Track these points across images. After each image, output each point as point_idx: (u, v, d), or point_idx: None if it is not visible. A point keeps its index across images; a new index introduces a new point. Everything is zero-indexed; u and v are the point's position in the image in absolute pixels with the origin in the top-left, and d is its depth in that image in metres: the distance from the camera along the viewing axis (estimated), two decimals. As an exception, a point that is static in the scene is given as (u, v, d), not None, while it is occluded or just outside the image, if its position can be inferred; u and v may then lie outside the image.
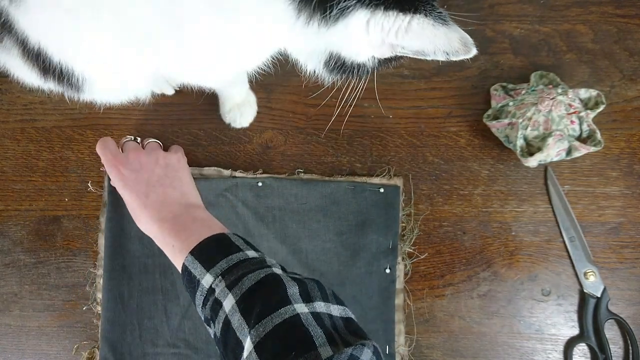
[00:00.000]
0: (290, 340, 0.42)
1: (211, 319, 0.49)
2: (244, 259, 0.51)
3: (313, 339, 0.42)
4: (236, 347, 0.45)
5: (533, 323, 0.73)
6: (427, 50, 0.41)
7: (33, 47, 0.50)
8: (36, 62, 0.52)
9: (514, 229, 0.74)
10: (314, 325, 0.43)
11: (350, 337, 0.44)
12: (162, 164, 0.65)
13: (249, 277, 0.48)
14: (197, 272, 0.51)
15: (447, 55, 0.41)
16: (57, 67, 0.51)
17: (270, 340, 0.43)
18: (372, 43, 0.41)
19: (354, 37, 0.41)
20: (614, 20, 0.76)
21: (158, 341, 0.70)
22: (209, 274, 0.50)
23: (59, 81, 0.54)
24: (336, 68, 0.45)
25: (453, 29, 0.40)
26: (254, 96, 0.74)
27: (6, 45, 0.51)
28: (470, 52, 0.41)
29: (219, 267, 0.50)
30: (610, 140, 0.74)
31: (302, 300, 0.46)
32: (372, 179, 0.73)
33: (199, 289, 0.51)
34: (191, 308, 0.70)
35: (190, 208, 0.62)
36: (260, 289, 0.47)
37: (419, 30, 0.39)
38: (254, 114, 0.74)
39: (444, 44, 0.40)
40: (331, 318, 0.45)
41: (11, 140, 0.75)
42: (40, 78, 0.54)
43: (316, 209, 0.72)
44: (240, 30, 0.45)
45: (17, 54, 0.52)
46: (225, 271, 0.49)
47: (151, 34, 0.48)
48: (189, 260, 0.53)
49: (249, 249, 0.53)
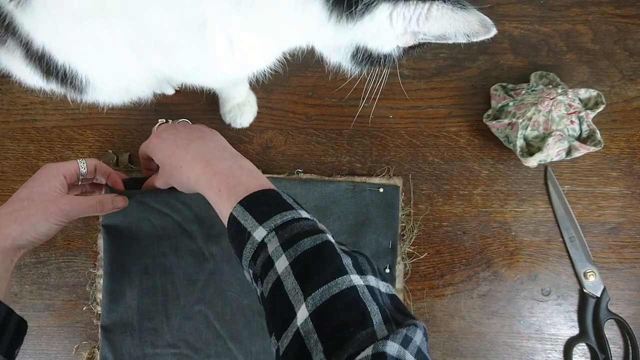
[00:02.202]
0: (347, 313, 0.41)
1: (259, 276, 0.47)
2: (299, 218, 0.48)
3: (370, 314, 0.41)
4: (287, 311, 0.43)
5: (533, 323, 0.73)
6: (448, 34, 0.43)
7: (37, 49, 0.50)
8: (39, 64, 0.52)
9: (514, 229, 0.74)
10: (370, 300, 0.42)
11: (399, 315, 0.43)
12: (198, 129, 0.62)
13: (305, 240, 0.45)
14: (248, 224, 0.48)
15: (468, 37, 0.42)
16: (61, 69, 0.51)
17: (327, 310, 0.41)
18: (396, 33, 0.43)
19: (379, 29, 0.42)
20: (614, 20, 0.76)
21: (158, 342, 0.70)
22: (262, 227, 0.47)
23: (62, 83, 0.54)
24: (364, 60, 0.47)
25: (472, 12, 0.42)
26: (254, 96, 0.74)
27: (9, 47, 0.51)
28: (490, 32, 0.42)
29: (273, 222, 0.47)
30: (610, 140, 0.74)
31: (357, 272, 0.44)
32: (371, 178, 0.73)
33: (249, 241, 0.47)
34: (191, 308, 0.70)
35: (235, 156, 0.58)
36: (316, 254, 0.45)
37: (438, 16, 0.41)
38: (254, 114, 0.74)
39: (463, 26, 0.42)
40: (381, 294, 0.44)
41: (11, 140, 0.75)
42: (42, 79, 0.54)
43: (316, 209, 0.72)
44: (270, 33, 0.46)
45: (20, 56, 0.52)
46: (279, 227, 0.47)
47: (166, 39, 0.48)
48: (238, 211, 0.49)
49: (301, 209, 0.50)
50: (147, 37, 0.49)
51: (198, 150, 0.57)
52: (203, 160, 0.56)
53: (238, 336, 0.70)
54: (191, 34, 0.45)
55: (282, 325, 0.43)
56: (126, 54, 0.51)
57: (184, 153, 0.57)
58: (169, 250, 0.70)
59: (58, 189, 0.59)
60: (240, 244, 0.49)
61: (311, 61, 0.75)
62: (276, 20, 0.44)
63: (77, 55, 0.52)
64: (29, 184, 0.59)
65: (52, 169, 0.60)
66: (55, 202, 0.58)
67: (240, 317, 0.70)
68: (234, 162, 0.56)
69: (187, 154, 0.57)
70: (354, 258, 0.46)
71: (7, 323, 0.53)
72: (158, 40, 0.49)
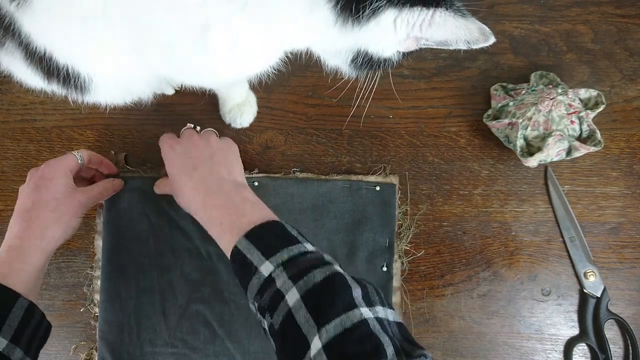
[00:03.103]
0: (362, 346, 0.42)
1: (267, 309, 0.47)
2: (305, 252, 0.49)
3: (384, 346, 0.42)
4: (299, 342, 0.44)
5: (533, 323, 0.73)
6: (449, 41, 0.44)
7: (37, 50, 0.50)
8: (40, 65, 0.52)
9: (514, 229, 0.74)
10: (382, 332, 0.43)
11: (407, 344, 0.45)
12: (214, 145, 0.63)
13: (315, 272, 0.46)
14: (254, 258, 0.49)
15: (469, 44, 0.44)
16: (63, 69, 0.51)
17: (341, 343, 0.43)
18: (399, 38, 0.44)
19: (383, 34, 0.43)
20: (614, 20, 0.76)
21: (156, 341, 0.70)
22: (269, 262, 0.48)
23: (63, 83, 0.54)
24: (364, 64, 0.47)
25: (471, 21, 0.44)
26: (254, 96, 0.74)
27: (9, 49, 0.51)
28: (489, 40, 0.44)
29: (280, 257, 0.48)
30: (610, 140, 0.74)
31: (365, 304, 0.46)
32: (368, 177, 0.73)
33: (256, 275, 0.48)
34: (189, 307, 0.70)
35: (239, 187, 0.59)
36: (327, 286, 0.46)
37: (441, 22, 0.43)
38: (254, 114, 0.74)
39: (464, 34, 0.43)
40: (389, 324, 0.46)
41: (11, 140, 0.75)
42: (44, 80, 0.55)
43: (312, 207, 0.72)
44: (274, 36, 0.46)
45: (20, 57, 0.52)
46: (286, 262, 0.48)
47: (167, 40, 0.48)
48: (243, 244, 0.50)
49: (306, 242, 0.51)
50: (148, 39, 0.49)
51: (201, 178, 0.58)
52: (205, 190, 0.57)
53: (236, 335, 0.70)
54: (194, 36, 0.45)
55: (295, 357, 0.44)
56: (127, 55, 0.51)
57: (188, 179, 0.59)
58: (166, 250, 0.70)
59: (71, 185, 0.61)
60: (245, 277, 0.50)
61: (311, 61, 0.76)
62: (282, 23, 0.44)
63: (78, 56, 0.52)
64: (44, 184, 0.60)
65: (59, 167, 0.61)
66: (75, 197, 0.61)
67: (238, 316, 0.70)
68: (237, 193, 0.57)
69: (190, 181, 0.59)
70: (363, 287, 0.48)
71: (39, 327, 0.55)
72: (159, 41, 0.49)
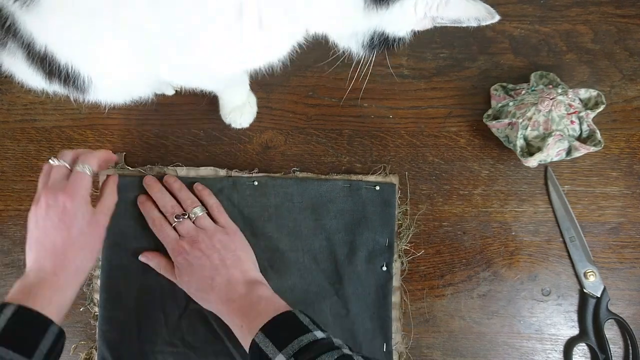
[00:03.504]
0: None
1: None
2: (314, 340, 0.54)
3: None
4: None
5: (533, 323, 0.73)
6: (462, 19, 0.48)
7: (39, 50, 0.50)
8: (41, 65, 0.52)
9: (514, 229, 0.74)
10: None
11: None
12: (219, 247, 0.66)
13: (323, 358, 0.51)
14: (269, 350, 0.54)
15: (478, 20, 0.48)
16: (64, 69, 0.52)
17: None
18: (417, 17, 0.47)
19: (404, 15, 0.47)
20: (614, 20, 0.76)
21: (156, 340, 0.70)
22: (282, 354, 0.53)
23: (64, 83, 0.54)
24: (379, 44, 0.50)
25: (479, 2, 0.48)
26: (254, 97, 0.74)
27: (11, 49, 0.52)
28: (495, 17, 0.49)
29: (291, 348, 0.53)
30: (610, 140, 0.74)
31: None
32: (367, 176, 0.73)
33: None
34: (189, 307, 0.70)
35: (254, 286, 0.63)
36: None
37: (456, 2, 0.47)
38: (254, 114, 0.74)
39: (474, 12, 0.48)
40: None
41: (11, 140, 0.75)
42: (45, 80, 0.55)
43: (312, 207, 0.72)
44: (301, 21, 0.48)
45: (21, 58, 0.52)
46: (297, 352, 0.53)
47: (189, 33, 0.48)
48: (259, 338, 0.55)
49: (317, 329, 0.55)
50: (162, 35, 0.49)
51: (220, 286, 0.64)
52: (226, 301, 0.63)
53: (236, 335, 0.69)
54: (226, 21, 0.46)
55: None
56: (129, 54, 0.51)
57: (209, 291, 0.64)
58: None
59: (91, 211, 0.62)
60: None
61: (311, 61, 0.76)
62: (315, 6, 0.46)
63: (79, 56, 0.52)
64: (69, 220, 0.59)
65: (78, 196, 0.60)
66: (99, 223, 0.62)
67: (239, 316, 0.70)
68: (253, 294, 0.62)
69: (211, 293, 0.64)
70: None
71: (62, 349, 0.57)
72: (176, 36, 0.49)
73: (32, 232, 0.60)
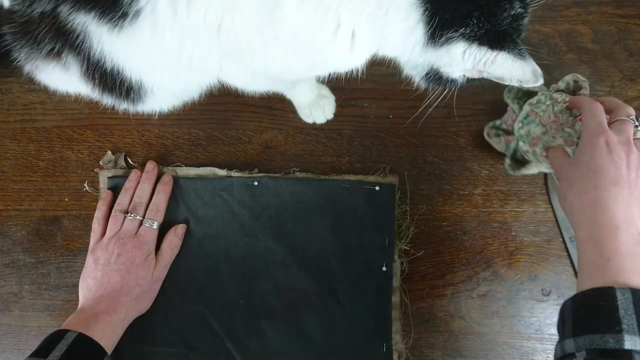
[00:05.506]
0: None
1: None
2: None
3: None
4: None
5: (533, 323, 0.73)
6: (505, 78, 0.51)
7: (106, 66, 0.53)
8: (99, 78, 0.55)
9: (514, 229, 0.74)
10: None
11: None
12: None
13: None
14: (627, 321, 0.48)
15: (521, 82, 0.51)
16: (126, 82, 0.55)
17: None
18: (466, 66, 0.51)
19: (452, 60, 0.50)
20: (614, 20, 0.76)
21: (156, 340, 0.70)
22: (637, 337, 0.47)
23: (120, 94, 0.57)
24: (434, 79, 0.54)
25: (528, 62, 0.50)
26: (324, 86, 0.73)
27: (65, 64, 0.54)
28: (538, 82, 0.51)
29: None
30: (610, 140, 0.74)
31: None
32: (367, 177, 0.73)
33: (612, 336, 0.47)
34: (189, 307, 0.70)
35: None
36: None
37: (501, 63, 0.49)
38: (334, 102, 0.74)
39: (518, 74, 0.50)
40: None
41: (11, 140, 0.75)
42: (94, 90, 0.58)
43: (312, 207, 0.72)
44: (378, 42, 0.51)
45: (76, 71, 0.55)
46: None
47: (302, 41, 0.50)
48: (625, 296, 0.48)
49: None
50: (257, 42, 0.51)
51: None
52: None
53: (236, 335, 0.70)
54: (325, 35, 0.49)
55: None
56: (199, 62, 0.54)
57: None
58: None
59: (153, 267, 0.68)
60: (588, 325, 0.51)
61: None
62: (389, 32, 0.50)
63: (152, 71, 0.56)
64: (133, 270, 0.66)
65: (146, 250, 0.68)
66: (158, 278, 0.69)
67: (237, 316, 0.70)
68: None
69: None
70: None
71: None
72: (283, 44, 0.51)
73: (94, 270, 0.66)
